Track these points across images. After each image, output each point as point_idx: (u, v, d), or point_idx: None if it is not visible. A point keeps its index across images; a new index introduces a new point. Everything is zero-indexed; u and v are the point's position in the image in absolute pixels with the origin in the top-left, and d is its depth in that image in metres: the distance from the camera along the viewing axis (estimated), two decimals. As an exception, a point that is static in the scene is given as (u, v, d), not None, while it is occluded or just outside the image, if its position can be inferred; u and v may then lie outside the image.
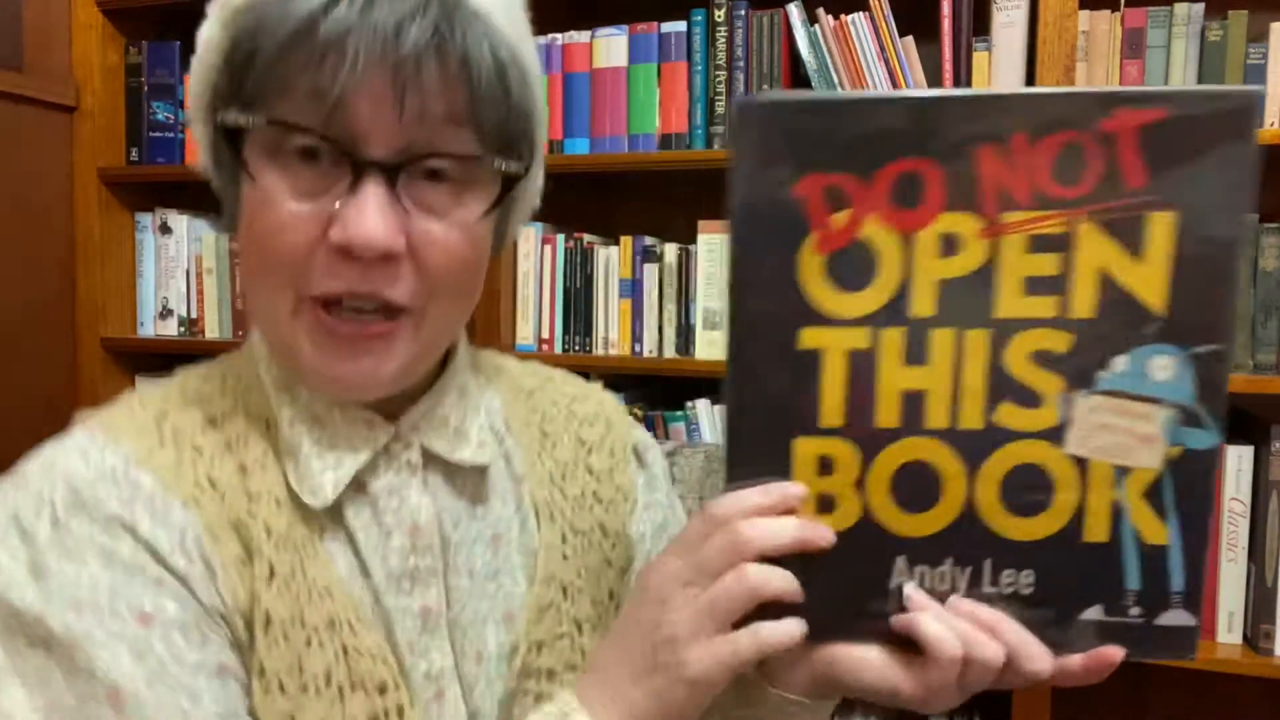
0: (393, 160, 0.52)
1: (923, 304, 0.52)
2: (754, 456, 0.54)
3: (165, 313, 1.87)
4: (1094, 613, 0.54)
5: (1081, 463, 0.52)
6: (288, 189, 0.52)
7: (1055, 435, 0.52)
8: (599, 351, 1.59)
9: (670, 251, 1.55)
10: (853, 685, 0.55)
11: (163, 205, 1.88)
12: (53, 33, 1.80)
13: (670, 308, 1.55)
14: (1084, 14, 1.35)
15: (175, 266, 1.87)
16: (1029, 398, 0.52)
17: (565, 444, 0.70)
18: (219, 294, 1.83)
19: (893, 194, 0.51)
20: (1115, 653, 0.53)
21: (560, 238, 1.60)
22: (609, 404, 0.74)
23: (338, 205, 0.52)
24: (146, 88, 1.83)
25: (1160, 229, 0.50)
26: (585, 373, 1.66)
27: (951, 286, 0.51)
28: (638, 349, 1.57)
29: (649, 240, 1.57)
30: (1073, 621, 0.53)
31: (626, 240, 1.57)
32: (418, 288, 0.55)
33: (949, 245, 0.51)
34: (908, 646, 0.53)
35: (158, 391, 0.61)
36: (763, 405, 0.53)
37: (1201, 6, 1.33)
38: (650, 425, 1.57)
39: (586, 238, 1.60)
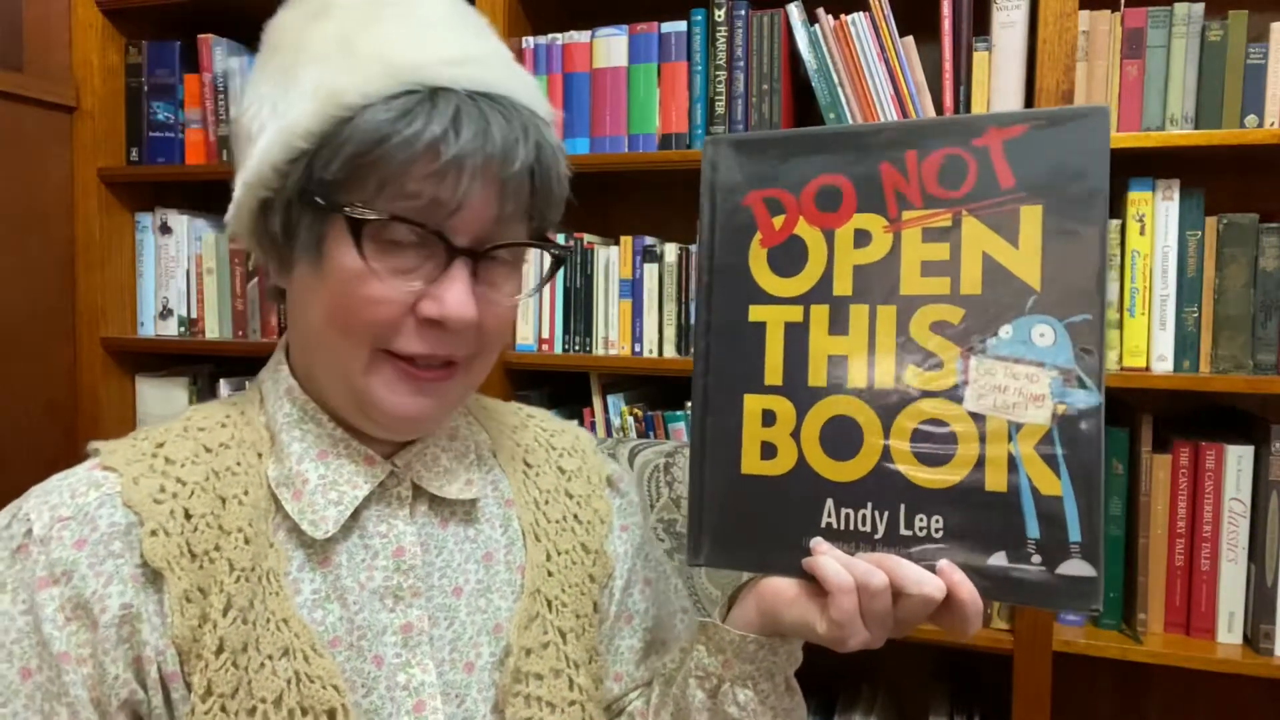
0: (478, 247, 0.64)
1: (843, 285, 0.64)
2: (717, 407, 0.67)
3: (165, 313, 1.88)
4: (999, 559, 0.62)
5: (979, 419, 0.62)
6: (386, 268, 0.63)
7: (955, 394, 0.62)
8: (599, 351, 1.60)
9: (670, 251, 1.57)
10: (783, 621, 0.65)
11: (163, 205, 1.89)
12: (53, 33, 1.82)
13: (670, 308, 1.56)
14: (1084, 14, 1.36)
15: (175, 266, 1.88)
16: (931, 361, 0.63)
17: (547, 473, 0.80)
18: (219, 294, 1.84)
19: (817, 201, 0.65)
20: (954, 571, 0.61)
21: (560, 238, 1.60)
22: (584, 438, 0.86)
23: (424, 284, 0.63)
24: (146, 88, 1.85)
25: (1030, 219, 0.61)
26: (585, 373, 1.66)
27: (865, 271, 0.64)
28: (638, 349, 1.58)
29: (649, 240, 1.58)
30: (982, 567, 0.62)
31: (626, 240, 1.59)
32: (474, 349, 0.67)
33: (861, 238, 0.64)
34: (824, 592, 0.64)
35: (167, 423, 0.70)
36: (722, 366, 0.67)
37: (1201, 6, 1.35)
38: (650, 425, 1.57)
39: (586, 238, 1.60)
